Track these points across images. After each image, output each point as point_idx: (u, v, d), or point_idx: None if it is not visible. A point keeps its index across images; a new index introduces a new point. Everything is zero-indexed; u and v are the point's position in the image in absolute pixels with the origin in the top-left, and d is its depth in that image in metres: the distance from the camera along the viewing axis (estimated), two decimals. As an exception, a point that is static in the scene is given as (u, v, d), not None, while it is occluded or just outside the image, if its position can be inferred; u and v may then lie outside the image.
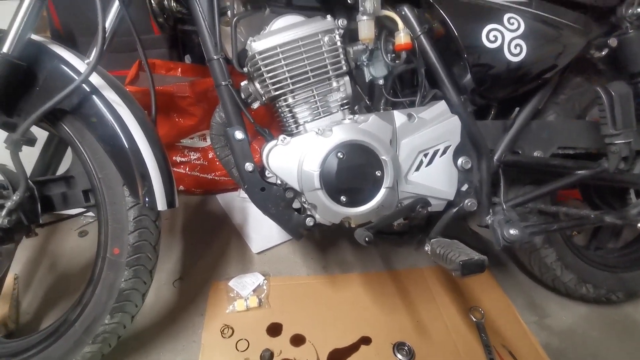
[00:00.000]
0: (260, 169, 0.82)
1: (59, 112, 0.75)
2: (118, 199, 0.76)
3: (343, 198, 0.74)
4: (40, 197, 0.78)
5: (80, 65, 0.74)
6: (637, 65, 0.87)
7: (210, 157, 1.41)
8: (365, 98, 0.90)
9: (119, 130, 0.74)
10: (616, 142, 0.79)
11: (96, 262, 0.78)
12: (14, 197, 0.70)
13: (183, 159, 1.41)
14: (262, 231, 1.30)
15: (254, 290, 1.08)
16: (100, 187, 0.77)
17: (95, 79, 0.75)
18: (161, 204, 0.76)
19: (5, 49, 0.69)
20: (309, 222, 0.83)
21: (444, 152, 0.81)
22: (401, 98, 0.91)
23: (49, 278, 1.12)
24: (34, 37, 0.75)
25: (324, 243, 1.29)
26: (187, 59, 1.47)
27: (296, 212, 0.84)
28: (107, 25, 0.87)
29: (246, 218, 1.37)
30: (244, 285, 1.09)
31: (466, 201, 0.82)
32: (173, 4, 0.85)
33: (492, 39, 0.77)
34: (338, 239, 1.31)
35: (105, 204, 0.76)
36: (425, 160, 0.80)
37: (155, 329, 0.99)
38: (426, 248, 0.76)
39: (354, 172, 0.73)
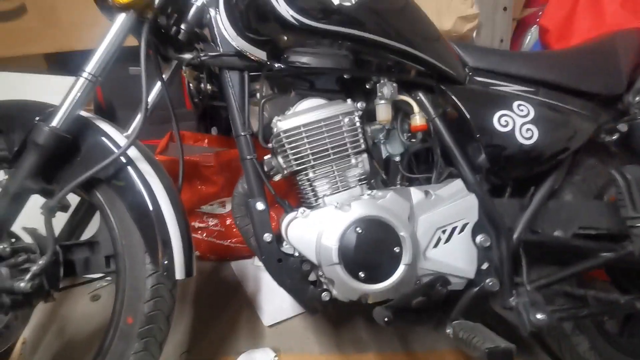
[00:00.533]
0: (277, 239, 0.83)
1: (94, 180, 0.80)
2: (138, 266, 0.77)
3: (361, 274, 0.73)
4: (64, 262, 0.80)
5: (120, 138, 0.81)
6: (650, 147, 0.89)
7: (227, 223, 1.44)
8: (382, 173, 0.93)
9: (147, 199, 0.78)
10: (638, 225, 0.78)
11: (108, 330, 0.77)
12: (40, 262, 0.72)
13: (201, 225, 1.43)
14: (275, 302, 1.26)
15: (263, 369, 1.02)
16: (123, 253, 0.78)
17: (131, 150, 0.80)
18: (180, 273, 0.76)
19: (54, 123, 0.76)
20: (325, 296, 0.82)
21: (462, 230, 0.81)
22: (417, 174, 0.94)
23: (55, 344, 1.09)
24: (82, 112, 0.82)
25: (338, 319, 1.24)
26: (214, 130, 1.58)
27: (312, 286, 0.83)
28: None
29: (259, 287, 1.34)
30: (254, 363, 1.03)
31: (487, 280, 0.80)
32: (209, 86, 0.94)
33: (504, 123, 0.82)
34: (353, 315, 1.26)
35: (126, 271, 0.77)
36: (444, 237, 0.80)
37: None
38: (448, 331, 0.72)
39: (372, 248, 0.74)
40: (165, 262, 0.75)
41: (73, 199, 0.91)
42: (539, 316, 0.75)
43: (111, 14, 0.78)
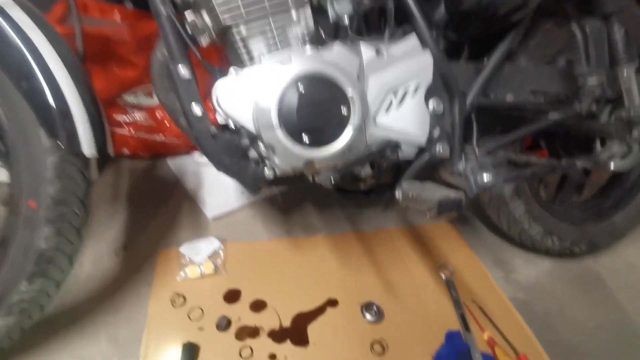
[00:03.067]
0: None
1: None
2: (32, 143, 0.62)
3: (305, 138, 0.65)
4: None
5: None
6: (607, 6, 0.84)
7: (158, 117, 1.27)
8: (330, 37, 0.81)
9: (28, 56, 0.60)
10: (589, 82, 0.76)
11: (7, 218, 0.65)
12: None
13: (126, 119, 1.25)
14: (219, 195, 1.19)
15: (208, 256, 0.98)
16: (9, 129, 0.63)
17: None
18: (88, 149, 0.63)
19: None
20: (268, 173, 0.74)
21: (415, 92, 0.74)
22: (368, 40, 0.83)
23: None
24: None
25: (287, 207, 1.21)
26: (128, 4, 1.30)
27: (253, 164, 0.75)
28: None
29: (200, 183, 1.25)
30: (198, 251, 0.98)
31: (438, 147, 0.76)
32: None
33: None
34: (302, 202, 1.23)
35: (17, 149, 0.63)
36: (395, 101, 0.73)
37: (92, 302, 0.87)
38: (396, 194, 0.69)
39: (316, 108, 0.64)
40: (66, 135, 0.61)
41: None
42: (485, 178, 0.74)
43: None
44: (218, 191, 1.21)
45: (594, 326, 0.94)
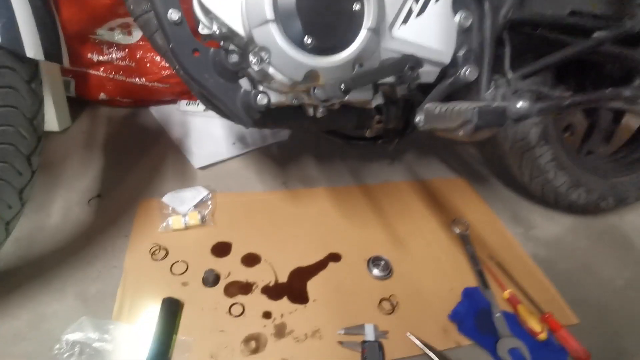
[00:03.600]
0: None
1: None
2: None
3: (307, 40, 0.52)
4: None
5: None
6: None
7: (138, 57, 1.13)
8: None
9: None
10: (649, -11, 0.63)
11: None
12: None
13: (101, 58, 1.11)
14: (207, 146, 1.07)
15: (195, 206, 0.86)
16: None
17: None
18: (32, 49, 0.50)
19: None
20: (262, 99, 0.62)
21: (439, -2, 0.61)
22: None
23: None
24: None
25: (283, 159, 1.09)
26: None
27: (244, 89, 0.62)
28: None
29: (187, 133, 1.12)
30: (182, 201, 0.87)
31: (464, 68, 0.64)
32: None
33: None
34: (300, 154, 1.11)
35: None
36: (416, 8, 0.60)
37: (60, 255, 0.75)
38: (417, 119, 0.57)
39: (322, 2, 0.52)
40: (2, 28, 0.48)
41: None
42: (519, 105, 0.62)
43: None
44: (206, 141, 1.08)
45: (622, 285, 0.85)
